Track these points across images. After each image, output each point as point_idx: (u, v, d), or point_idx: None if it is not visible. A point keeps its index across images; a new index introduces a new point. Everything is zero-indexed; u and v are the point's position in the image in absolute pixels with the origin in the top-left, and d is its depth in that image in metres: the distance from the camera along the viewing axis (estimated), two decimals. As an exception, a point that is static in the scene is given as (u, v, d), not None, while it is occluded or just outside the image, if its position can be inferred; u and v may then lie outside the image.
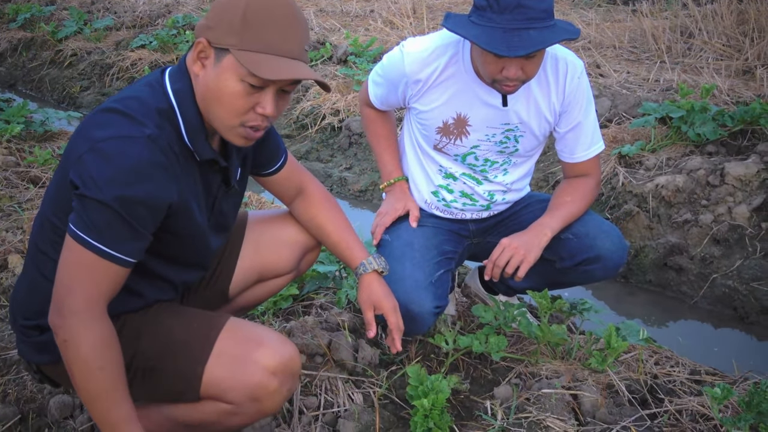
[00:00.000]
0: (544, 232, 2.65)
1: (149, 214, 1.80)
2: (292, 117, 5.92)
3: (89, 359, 1.77)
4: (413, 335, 2.82)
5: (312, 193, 2.43)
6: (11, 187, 4.34)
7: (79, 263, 1.79)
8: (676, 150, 4.45)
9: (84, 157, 1.77)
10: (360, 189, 5.14)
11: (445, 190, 2.79)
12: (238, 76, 1.80)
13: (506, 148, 2.66)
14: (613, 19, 7.56)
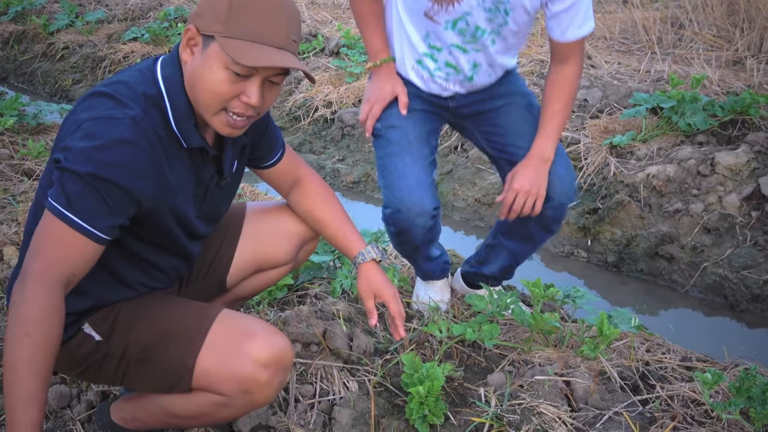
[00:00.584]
0: (545, 162, 2.70)
1: (124, 194, 1.80)
2: (284, 109, 5.93)
3: (21, 323, 1.72)
4: (411, 243, 2.85)
5: (309, 184, 2.43)
6: (5, 179, 4.35)
7: (48, 231, 1.78)
8: (667, 140, 4.48)
9: (71, 138, 1.79)
10: (353, 180, 5.16)
11: (429, 59, 2.75)
12: (222, 64, 1.81)
13: (495, 17, 2.62)
14: (604, 10, 7.58)
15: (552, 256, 4.26)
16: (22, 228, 3.69)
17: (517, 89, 2.87)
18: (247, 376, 1.94)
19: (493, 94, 2.83)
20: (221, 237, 2.41)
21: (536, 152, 2.70)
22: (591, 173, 4.42)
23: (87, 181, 1.75)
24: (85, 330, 2.04)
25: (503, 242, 3.05)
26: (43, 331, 1.73)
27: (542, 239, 2.97)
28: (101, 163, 1.75)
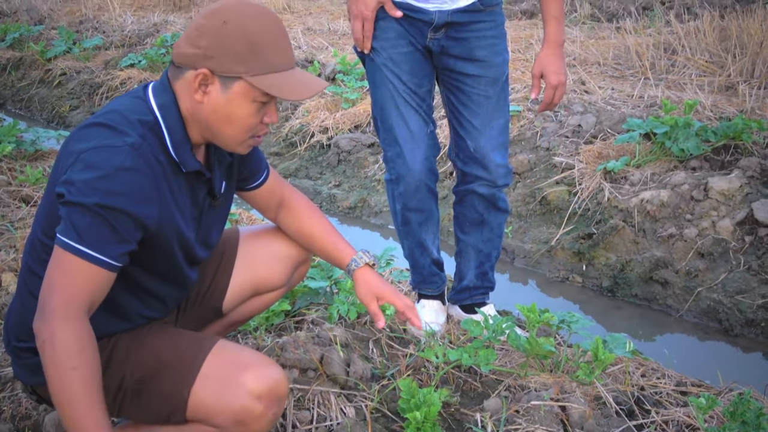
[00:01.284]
0: (562, 45, 2.89)
1: (131, 220, 1.83)
2: (281, 135, 5.97)
3: (63, 359, 1.75)
4: (413, 185, 3.02)
5: (295, 203, 2.47)
6: (3, 206, 4.37)
7: (61, 266, 1.81)
8: (661, 165, 4.52)
9: (71, 168, 1.82)
10: (349, 206, 5.18)
11: None
12: (250, 99, 1.90)
13: None
14: (597, 36, 7.65)
15: (547, 281, 4.29)
16: (20, 255, 3.70)
17: (495, 56, 2.91)
18: (241, 408, 1.94)
19: (472, 46, 2.87)
20: (217, 263, 2.43)
21: (553, 39, 2.87)
22: (585, 198, 4.45)
23: (94, 211, 1.78)
24: None
25: (464, 240, 3.22)
26: (86, 360, 1.77)
27: (497, 221, 3.16)
28: (106, 192, 1.78)
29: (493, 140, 2.97)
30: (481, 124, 2.95)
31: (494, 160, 2.98)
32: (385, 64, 2.92)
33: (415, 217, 3.13)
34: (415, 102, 2.94)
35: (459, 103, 2.97)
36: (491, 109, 2.94)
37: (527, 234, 4.55)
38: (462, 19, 2.84)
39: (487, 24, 2.88)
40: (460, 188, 3.13)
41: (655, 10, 8.17)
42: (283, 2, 9.93)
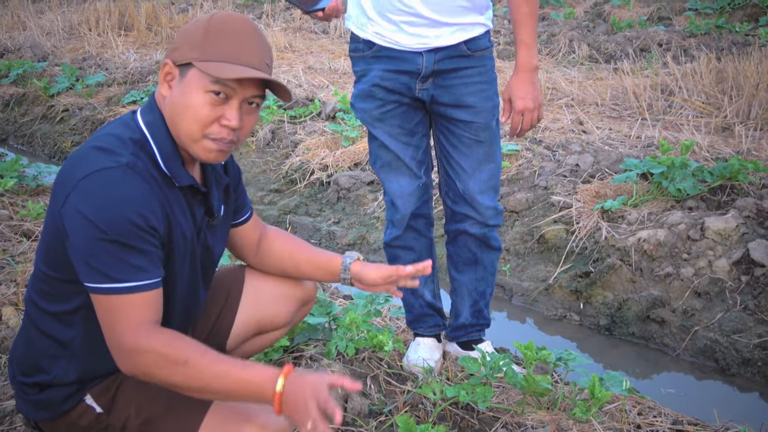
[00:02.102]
0: (534, 71, 2.86)
1: (148, 233, 1.85)
2: (281, 172, 6.01)
3: (172, 368, 1.80)
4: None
5: (271, 232, 2.49)
6: (5, 240, 4.39)
7: (108, 310, 1.83)
8: (658, 205, 4.55)
9: (69, 198, 1.83)
10: (348, 243, 5.21)
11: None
12: (202, 88, 1.88)
13: None
14: (595, 77, 7.72)
15: (545, 319, 4.30)
16: (21, 289, 3.73)
17: (485, 101, 2.93)
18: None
19: (460, 93, 2.90)
20: (222, 301, 2.44)
21: (523, 64, 2.85)
22: (583, 237, 4.48)
23: (110, 240, 1.79)
24: (86, 401, 2.06)
25: (458, 279, 3.24)
26: (186, 349, 1.83)
27: (489, 259, 3.18)
28: (113, 216, 1.80)
29: (483, 183, 3.01)
30: (471, 168, 2.99)
31: (483, 203, 3.03)
32: (372, 123, 2.99)
33: (403, 255, 3.16)
34: (408, 155, 3.02)
35: (449, 145, 3.00)
36: (482, 154, 2.98)
37: (525, 272, 4.58)
38: (449, 66, 2.87)
39: (475, 70, 2.91)
40: (451, 227, 3.17)
41: (652, 52, 8.26)
42: (284, 41, 10.02)
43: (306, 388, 1.77)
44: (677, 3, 10.54)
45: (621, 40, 8.73)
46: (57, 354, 2.04)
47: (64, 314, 2.01)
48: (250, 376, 1.81)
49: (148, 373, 1.83)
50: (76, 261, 1.84)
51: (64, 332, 2.02)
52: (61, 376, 2.05)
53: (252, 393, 1.82)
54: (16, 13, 12.69)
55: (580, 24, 9.88)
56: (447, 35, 2.84)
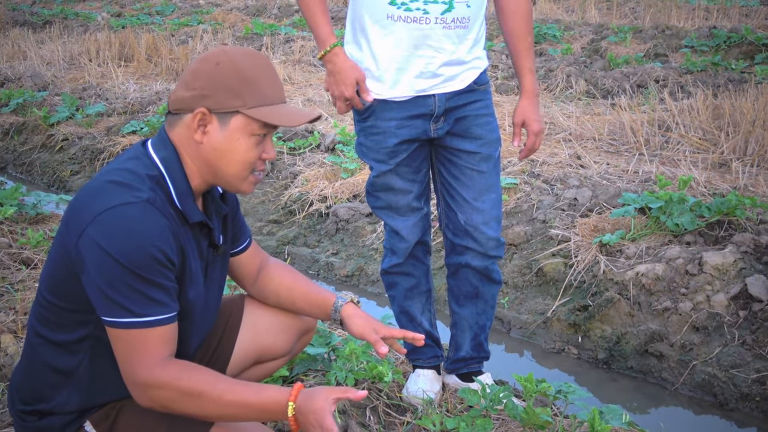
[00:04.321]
0: (538, 95, 3.04)
1: (167, 267, 1.88)
2: (279, 203, 6.03)
3: (188, 400, 1.84)
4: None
5: (272, 264, 2.52)
6: (4, 268, 4.40)
7: (125, 342, 1.85)
8: (656, 239, 4.57)
9: (86, 231, 1.84)
10: (347, 274, 5.22)
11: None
12: (249, 133, 1.97)
13: None
14: (593, 112, 7.78)
15: (543, 352, 4.31)
16: (20, 316, 3.73)
17: (490, 133, 3.00)
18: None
19: (470, 124, 2.95)
20: (222, 329, 2.45)
21: (530, 90, 2.99)
22: (581, 271, 4.49)
23: (131, 276, 1.82)
24: (86, 428, 2.06)
25: (459, 312, 3.25)
26: (199, 381, 1.88)
27: (490, 293, 3.21)
28: (135, 253, 1.82)
29: (486, 214, 3.04)
30: (473, 198, 3.01)
31: (485, 233, 3.05)
32: (381, 170, 3.01)
33: (402, 281, 3.19)
34: (413, 194, 3.05)
35: (451, 177, 3.03)
36: (484, 184, 3.01)
37: (523, 305, 4.59)
38: (459, 102, 2.93)
39: (482, 103, 2.99)
40: (452, 260, 3.18)
41: (649, 88, 8.32)
42: (283, 73, 10.09)
43: (310, 416, 1.82)
44: (673, 40, 10.64)
45: (618, 76, 8.80)
46: (59, 383, 2.04)
47: (68, 343, 2.01)
48: (262, 404, 1.87)
49: (165, 406, 1.87)
50: (93, 295, 1.85)
51: (67, 361, 2.02)
52: (62, 405, 2.05)
53: (267, 417, 1.94)
54: (16, 42, 12.76)
55: (578, 60, 9.96)
56: (458, 80, 2.90)
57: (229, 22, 14.37)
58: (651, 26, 11.69)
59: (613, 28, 11.51)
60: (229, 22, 14.43)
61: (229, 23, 14.27)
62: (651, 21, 12.45)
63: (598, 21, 12.84)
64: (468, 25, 2.84)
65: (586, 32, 11.72)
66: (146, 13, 16.65)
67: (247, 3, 16.88)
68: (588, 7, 13.79)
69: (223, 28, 13.37)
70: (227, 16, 15.01)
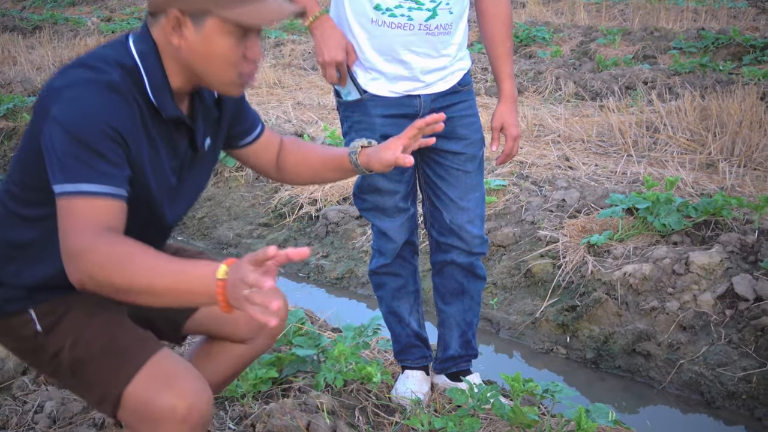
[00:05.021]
0: (516, 100, 3.05)
1: (116, 144, 1.83)
2: (269, 206, 6.05)
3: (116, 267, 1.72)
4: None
5: (286, 144, 2.46)
6: None
7: (68, 214, 1.80)
8: (643, 240, 4.61)
9: (48, 105, 1.83)
10: (336, 276, 5.24)
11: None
12: (225, 32, 1.89)
13: None
14: (581, 114, 7.82)
15: (531, 352, 4.34)
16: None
17: (474, 133, 3.03)
18: (162, 419, 1.91)
19: (455, 125, 2.96)
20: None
21: (509, 95, 3.01)
22: (569, 271, 4.52)
23: (79, 147, 1.79)
24: (30, 313, 2.05)
25: (445, 310, 3.28)
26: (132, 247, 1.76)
27: (476, 289, 3.24)
28: (85, 125, 1.80)
29: (470, 212, 3.08)
30: (458, 197, 3.05)
31: (470, 231, 3.09)
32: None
33: (389, 282, 3.21)
34: (399, 195, 3.06)
35: (436, 177, 3.06)
36: (469, 184, 3.05)
37: (512, 306, 4.62)
38: (444, 103, 2.94)
39: (466, 103, 3.02)
40: (437, 258, 3.21)
41: (637, 90, 8.37)
42: (273, 77, 10.12)
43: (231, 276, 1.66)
44: (662, 42, 10.69)
45: (607, 78, 8.85)
46: (11, 255, 2.04)
47: (28, 218, 2.00)
48: (193, 269, 1.72)
49: (92, 276, 1.75)
50: (48, 163, 1.83)
51: (24, 234, 2.01)
52: (10, 276, 2.04)
53: (197, 287, 1.71)
54: (6, 48, 12.76)
55: (567, 62, 10.01)
56: (442, 82, 2.93)
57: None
58: (640, 28, 11.76)
59: (602, 30, 11.57)
60: (219, 26, 14.43)
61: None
62: (640, 23, 12.51)
63: (588, 23, 12.90)
64: (451, 31, 2.87)
65: (575, 34, 11.78)
66: (136, 17, 16.63)
67: (237, 7, 16.89)
68: (577, 9, 13.85)
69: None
70: (217, 20, 15.00)
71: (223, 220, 6.16)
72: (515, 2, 15.35)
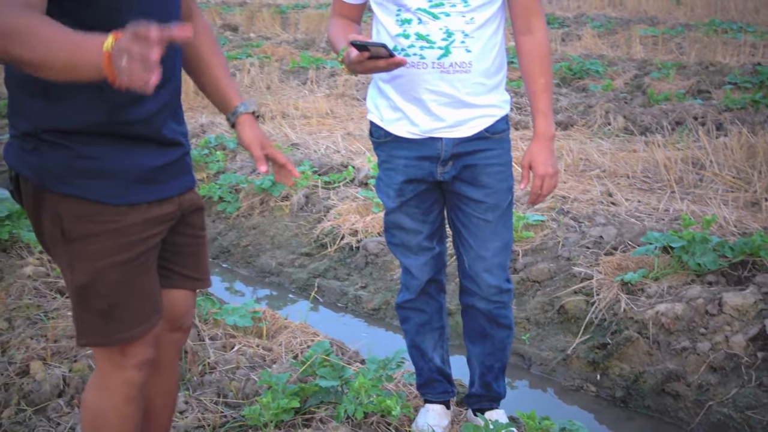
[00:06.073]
0: (552, 139, 2.99)
1: None
2: (312, 236, 6.14)
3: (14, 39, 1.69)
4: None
5: (200, 22, 2.42)
6: (39, 296, 4.56)
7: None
8: (678, 278, 4.59)
9: None
10: (373, 307, 5.31)
11: (402, 37, 2.82)
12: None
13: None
14: (628, 149, 7.79)
15: (562, 389, 4.34)
16: (50, 344, 3.87)
17: (500, 182, 3.02)
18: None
19: (478, 173, 2.97)
20: None
21: (542, 133, 2.97)
22: (602, 308, 4.52)
23: None
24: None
25: (470, 348, 3.32)
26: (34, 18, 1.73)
27: (499, 336, 3.23)
28: None
29: (487, 261, 3.07)
30: (477, 245, 3.06)
31: (486, 281, 3.09)
32: (391, 207, 3.09)
33: (414, 317, 3.26)
34: (423, 234, 3.11)
35: (459, 222, 3.09)
36: (489, 233, 3.04)
37: (544, 342, 4.63)
38: (468, 148, 2.95)
39: (494, 152, 2.99)
40: (462, 299, 3.25)
41: (686, 125, 8.31)
42: (326, 107, 10.26)
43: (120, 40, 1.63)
44: (717, 77, 10.60)
45: (657, 113, 8.81)
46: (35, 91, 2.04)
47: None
48: (85, 41, 1.67)
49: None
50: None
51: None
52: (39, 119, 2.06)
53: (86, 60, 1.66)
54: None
55: (618, 96, 9.98)
56: (466, 127, 2.92)
57: (277, 56, 14.59)
58: (695, 62, 11.67)
59: (657, 64, 11.51)
60: (277, 55, 14.65)
61: (277, 56, 14.49)
62: (696, 57, 12.41)
63: (643, 56, 12.84)
64: (470, 70, 2.84)
65: (629, 68, 11.74)
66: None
67: (296, 36, 17.16)
68: (633, 42, 13.79)
69: (271, 62, 13.61)
70: (276, 49, 15.24)
71: (267, 248, 6.27)
72: (571, 35, 15.36)
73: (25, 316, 4.26)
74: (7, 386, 3.59)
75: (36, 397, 3.50)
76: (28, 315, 4.28)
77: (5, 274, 4.86)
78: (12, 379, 3.61)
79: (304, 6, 22.03)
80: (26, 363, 3.70)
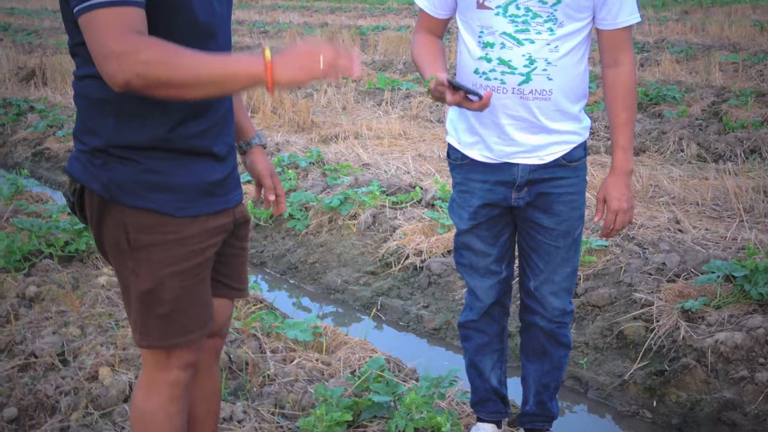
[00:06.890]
0: (629, 174, 3.01)
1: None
2: (378, 255, 6.24)
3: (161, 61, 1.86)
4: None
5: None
6: (112, 305, 4.75)
7: (95, 28, 1.89)
8: (740, 308, 4.56)
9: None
10: (435, 327, 5.38)
11: (484, 60, 2.86)
12: None
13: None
14: (700, 176, 7.73)
15: (618, 414, 4.35)
16: (119, 351, 4.04)
17: (572, 211, 3.05)
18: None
19: (551, 201, 3.02)
20: None
21: (620, 167, 2.99)
22: (661, 335, 4.52)
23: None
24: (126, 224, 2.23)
25: (526, 366, 3.37)
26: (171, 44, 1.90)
27: (557, 354, 3.27)
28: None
29: (555, 285, 3.13)
30: (546, 269, 3.11)
31: (552, 303, 3.15)
32: (463, 228, 3.16)
33: (475, 337, 3.32)
34: (492, 258, 3.17)
35: (528, 246, 3.14)
36: (559, 259, 3.09)
37: (602, 366, 4.64)
38: (544, 175, 2.98)
39: (570, 181, 3.02)
40: (523, 317, 3.31)
41: (761, 154, 8.20)
42: (399, 128, 10.38)
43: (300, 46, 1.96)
44: (797, 104, 10.42)
45: (731, 141, 8.70)
46: (107, 110, 2.17)
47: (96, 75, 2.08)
48: (236, 57, 1.89)
49: (140, 74, 1.87)
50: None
51: (101, 91, 2.12)
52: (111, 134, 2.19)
53: (243, 71, 1.91)
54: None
55: (693, 122, 9.87)
56: (543, 152, 2.96)
57: (354, 77, 14.74)
58: (775, 90, 11.47)
59: (735, 91, 11.35)
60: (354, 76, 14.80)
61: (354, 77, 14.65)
62: (778, 84, 12.20)
63: (722, 83, 12.66)
64: (550, 98, 2.86)
65: (707, 94, 11.58)
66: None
67: (374, 58, 17.36)
68: (712, 68, 13.59)
69: (347, 82, 13.80)
70: (353, 70, 15.39)
71: (333, 266, 6.39)
72: (650, 60, 15.21)
73: (96, 324, 4.45)
74: (76, 390, 3.76)
75: (103, 401, 3.66)
76: (99, 323, 4.46)
77: (81, 284, 5.07)
78: (81, 384, 3.79)
79: (384, 27, 22.22)
80: (96, 369, 3.87)
